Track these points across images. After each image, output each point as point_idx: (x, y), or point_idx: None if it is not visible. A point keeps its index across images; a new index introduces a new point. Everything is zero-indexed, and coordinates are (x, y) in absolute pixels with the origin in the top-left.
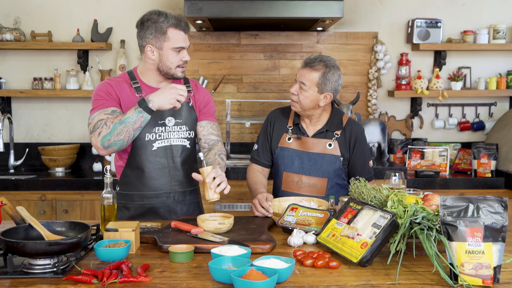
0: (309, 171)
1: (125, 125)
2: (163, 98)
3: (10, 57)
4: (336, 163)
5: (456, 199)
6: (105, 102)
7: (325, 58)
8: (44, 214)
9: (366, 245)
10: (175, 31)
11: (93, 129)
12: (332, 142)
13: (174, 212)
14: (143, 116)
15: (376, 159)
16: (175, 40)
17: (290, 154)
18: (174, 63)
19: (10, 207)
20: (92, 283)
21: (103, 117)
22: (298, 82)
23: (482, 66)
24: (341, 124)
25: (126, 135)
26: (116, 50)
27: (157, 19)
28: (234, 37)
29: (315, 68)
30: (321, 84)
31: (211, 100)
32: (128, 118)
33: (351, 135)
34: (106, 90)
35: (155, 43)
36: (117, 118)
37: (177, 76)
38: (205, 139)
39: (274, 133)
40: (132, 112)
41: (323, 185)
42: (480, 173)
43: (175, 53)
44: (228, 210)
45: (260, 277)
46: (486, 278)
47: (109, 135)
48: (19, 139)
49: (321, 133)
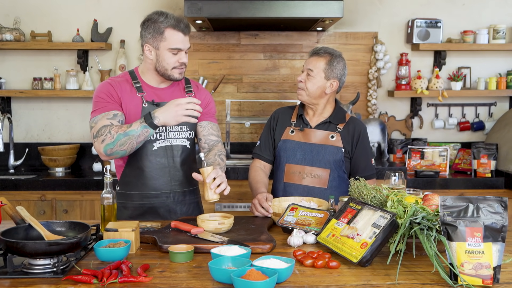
0: (312, 162)
1: (129, 137)
2: (168, 115)
3: (10, 57)
4: (338, 154)
5: (456, 199)
6: (107, 105)
7: (331, 49)
8: (44, 214)
9: (366, 245)
10: (172, 32)
11: (97, 135)
12: (335, 135)
13: (174, 212)
14: (148, 131)
15: (376, 159)
16: (172, 41)
17: (292, 146)
18: (170, 64)
19: (10, 207)
20: (92, 283)
21: (106, 123)
22: (305, 70)
23: (482, 66)
24: (344, 119)
25: (129, 146)
26: (116, 50)
27: (157, 19)
28: (234, 37)
29: (322, 55)
30: (327, 70)
31: (212, 101)
32: (132, 131)
33: (354, 130)
34: (107, 91)
35: (152, 42)
36: (121, 128)
37: (174, 78)
38: (205, 139)
39: (278, 128)
40: (137, 125)
41: (325, 176)
42: (480, 173)
43: (172, 54)
44: (228, 210)
45: (260, 277)
46: (486, 278)
47: (112, 144)
48: (19, 139)
49: (324, 124)
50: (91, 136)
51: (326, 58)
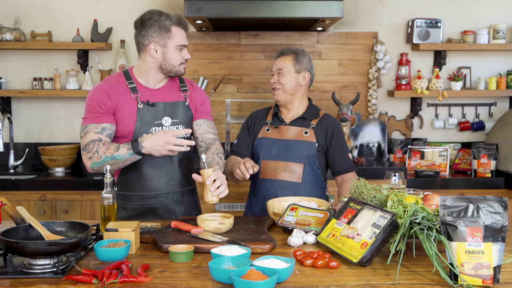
0: (286, 157)
1: (115, 161)
2: (154, 148)
3: (10, 57)
4: (312, 149)
5: (456, 199)
6: (97, 116)
7: (293, 48)
8: (44, 214)
9: (366, 245)
10: (178, 29)
11: (84, 149)
12: (308, 130)
13: (173, 212)
14: (135, 157)
15: (376, 159)
16: (179, 38)
17: (267, 143)
18: (178, 60)
19: (10, 207)
20: (92, 283)
21: (94, 137)
22: (275, 73)
23: (482, 66)
24: (317, 115)
25: (115, 167)
26: (116, 50)
27: (159, 18)
28: (234, 37)
29: (287, 54)
30: (296, 65)
31: (207, 99)
32: (119, 156)
33: (328, 126)
34: (100, 100)
35: (159, 41)
36: (109, 150)
37: (181, 73)
38: (202, 137)
39: (255, 128)
40: (125, 151)
41: (299, 171)
42: (480, 173)
43: (178, 51)
44: (227, 210)
45: (260, 277)
46: (486, 278)
47: (99, 163)
48: (19, 139)
49: (298, 120)
50: (80, 146)
51: (292, 56)
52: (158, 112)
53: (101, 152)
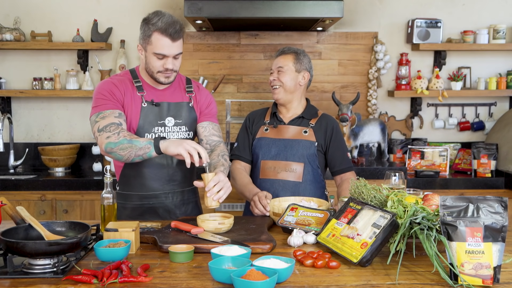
0: (286, 156)
1: (131, 145)
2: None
3: (10, 57)
4: (311, 148)
5: (456, 199)
6: (109, 103)
7: (294, 48)
8: (44, 214)
9: (366, 245)
10: (159, 37)
11: (103, 129)
12: (307, 129)
13: (173, 212)
14: (149, 147)
15: (376, 159)
16: (157, 46)
17: (267, 142)
18: (155, 67)
19: (10, 207)
20: (92, 283)
21: (115, 121)
22: (275, 71)
23: (482, 66)
24: (316, 114)
25: (127, 154)
26: (116, 50)
27: (150, 20)
28: (234, 37)
29: (288, 53)
30: (296, 64)
31: (213, 101)
32: (136, 142)
33: (327, 126)
34: (110, 90)
35: (142, 43)
36: (130, 135)
37: (159, 81)
38: (207, 140)
39: (254, 129)
40: (144, 140)
41: (300, 170)
42: (480, 173)
43: (157, 58)
44: (228, 210)
45: (260, 277)
46: (486, 278)
47: (114, 144)
48: (19, 139)
49: (297, 119)
50: (95, 130)
51: (293, 55)
52: (162, 112)
53: (121, 134)
